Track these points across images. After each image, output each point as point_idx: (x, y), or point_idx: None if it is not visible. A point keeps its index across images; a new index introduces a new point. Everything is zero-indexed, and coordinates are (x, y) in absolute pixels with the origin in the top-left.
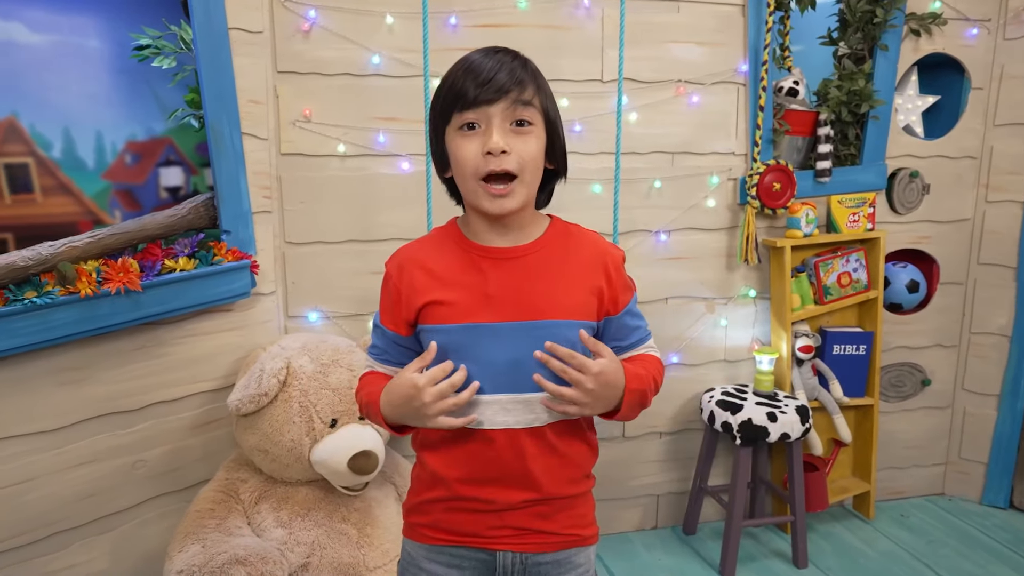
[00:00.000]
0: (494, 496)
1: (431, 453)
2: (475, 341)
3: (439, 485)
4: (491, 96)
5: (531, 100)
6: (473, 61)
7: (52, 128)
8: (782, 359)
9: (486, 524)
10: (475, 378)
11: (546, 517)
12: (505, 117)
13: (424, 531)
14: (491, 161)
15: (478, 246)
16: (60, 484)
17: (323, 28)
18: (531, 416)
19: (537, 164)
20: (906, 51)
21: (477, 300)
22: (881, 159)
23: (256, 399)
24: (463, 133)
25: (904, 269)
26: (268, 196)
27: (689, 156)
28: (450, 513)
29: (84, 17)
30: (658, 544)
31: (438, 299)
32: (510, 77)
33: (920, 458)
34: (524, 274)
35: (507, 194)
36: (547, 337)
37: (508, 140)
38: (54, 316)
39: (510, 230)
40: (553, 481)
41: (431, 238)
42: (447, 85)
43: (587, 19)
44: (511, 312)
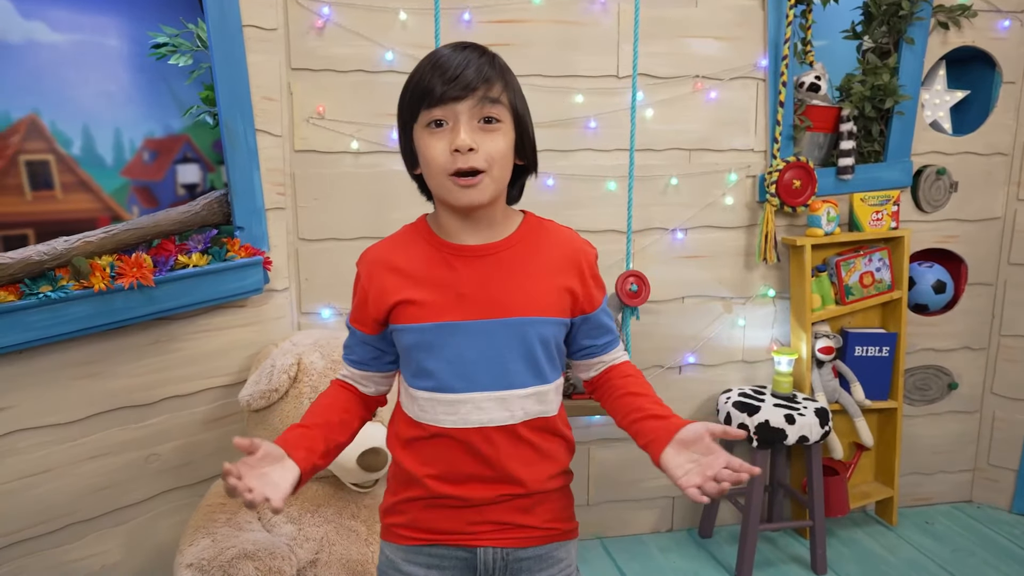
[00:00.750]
0: (471, 493)
1: (405, 452)
2: (448, 339)
3: (415, 484)
4: (458, 93)
5: (499, 97)
6: (440, 57)
7: (72, 126)
8: (801, 360)
9: (465, 520)
10: (449, 376)
11: (526, 511)
12: (473, 114)
13: (401, 531)
14: (459, 159)
15: (449, 244)
16: (75, 476)
17: (337, 25)
18: (506, 414)
19: (506, 161)
20: (934, 44)
21: (449, 298)
22: (906, 156)
23: (267, 395)
24: (431, 131)
25: (930, 269)
26: (282, 193)
27: (707, 153)
28: (427, 511)
29: (104, 16)
30: (673, 547)
31: (409, 298)
32: (477, 74)
33: (947, 464)
34: (496, 271)
35: (475, 184)
36: (520, 335)
37: (476, 137)
38: (68, 310)
39: (481, 227)
40: (531, 476)
41: (401, 236)
42: (414, 81)
43: (602, 14)
44: (483, 310)
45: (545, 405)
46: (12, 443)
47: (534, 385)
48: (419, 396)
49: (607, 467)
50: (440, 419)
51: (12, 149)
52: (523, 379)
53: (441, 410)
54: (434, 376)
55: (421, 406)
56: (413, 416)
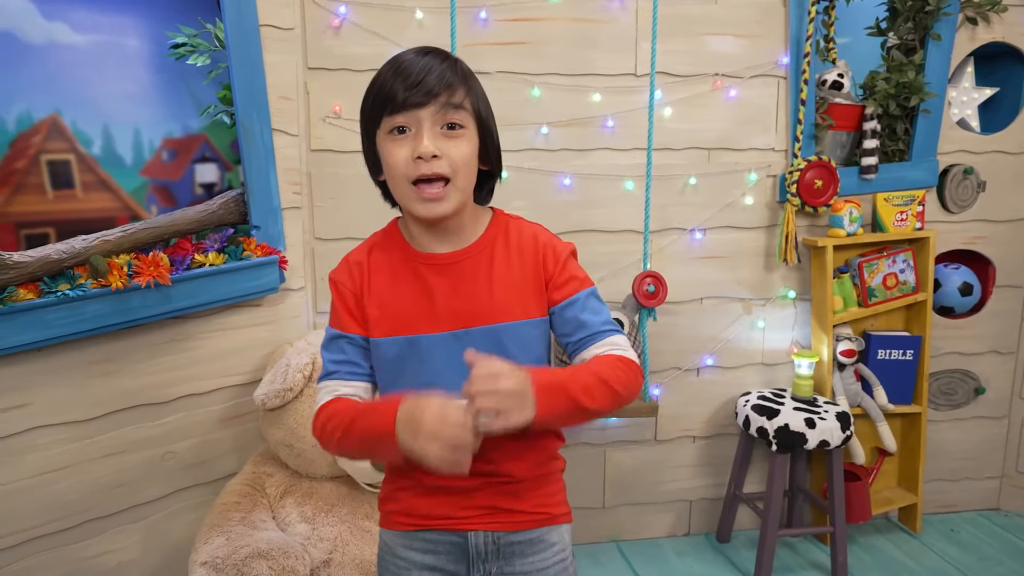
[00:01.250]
0: (460, 482)
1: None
2: (422, 352)
3: (406, 474)
4: (420, 99)
5: (461, 103)
6: (402, 63)
7: (93, 125)
8: (822, 363)
9: (456, 505)
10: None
11: (515, 495)
12: (435, 121)
13: (397, 518)
14: (422, 165)
15: (419, 253)
16: (93, 473)
17: (353, 24)
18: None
19: (470, 167)
20: (961, 40)
21: (420, 310)
22: (932, 155)
23: (281, 394)
24: (393, 137)
25: (956, 271)
26: (298, 192)
27: (726, 152)
28: (420, 498)
29: (124, 16)
30: (690, 551)
31: (382, 310)
32: (439, 80)
33: (973, 470)
34: (466, 279)
35: (441, 198)
36: (497, 341)
37: (439, 144)
38: (86, 308)
39: (448, 234)
40: (519, 467)
41: (375, 245)
42: (376, 87)
43: (620, 11)
44: (456, 320)
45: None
46: (30, 440)
47: None
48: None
49: (623, 470)
50: None
51: (34, 149)
52: None
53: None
54: (413, 388)
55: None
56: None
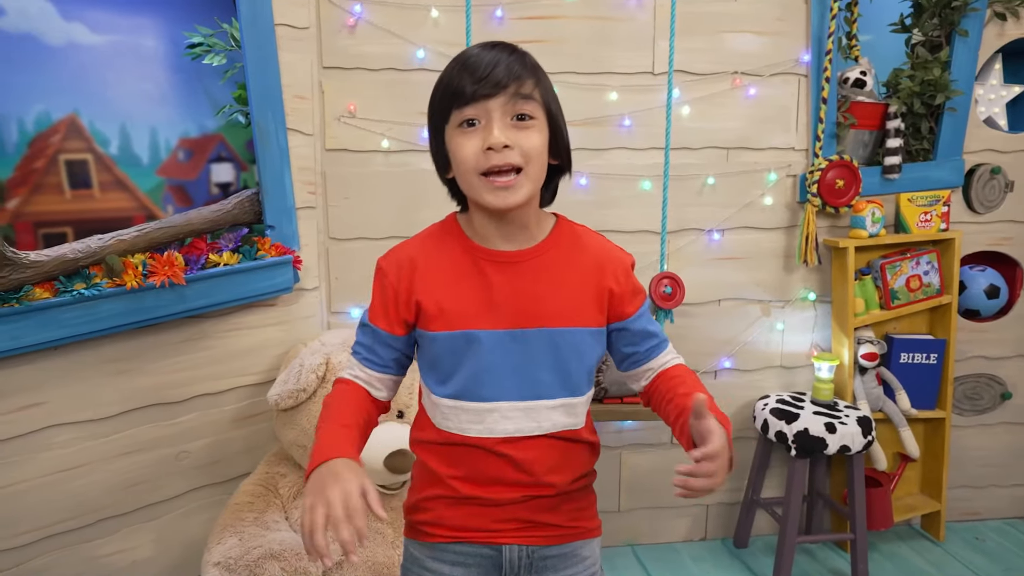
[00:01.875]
0: (496, 494)
1: (429, 454)
2: (477, 348)
3: (439, 483)
4: (489, 91)
5: (531, 94)
6: (470, 56)
7: (110, 125)
8: (843, 367)
9: (491, 518)
10: (476, 386)
11: (551, 510)
12: (505, 112)
13: (426, 529)
14: (493, 156)
15: (481, 248)
16: (107, 472)
17: (368, 23)
18: (533, 424)
19: (542, 158)
20: (989, 37)
21: (480, 305)
22: (958, 154)
23: (295, 394)
24: (463, 130)
25: (983, 273)
26: (312, 192)
27: (745, 151)
28: (452, 508)
29: (142, 17)
30: (707, 556)
31: (438, 303)
32: (508, 71)
33: (999, 477)
34: (528, 279)
35: (511, 186)
36: (552, 345)
37: (509, 134)
38: (101, 307)
39: (514, 231)
40: (559, 480)
41: (430, 236)
42: (444, 83)
43: (637, 9)
44: (515, 319)
45: (574, 418)
46: (46, 438)
47: (564, 397)
48: (442, 404)
49: (639, 473)
50: (465, 428)
51: (52, 148)
52: (552, 390)
53: (466, 418)
54: (460, 385)
55: (444, 414)
56: (435, 423)
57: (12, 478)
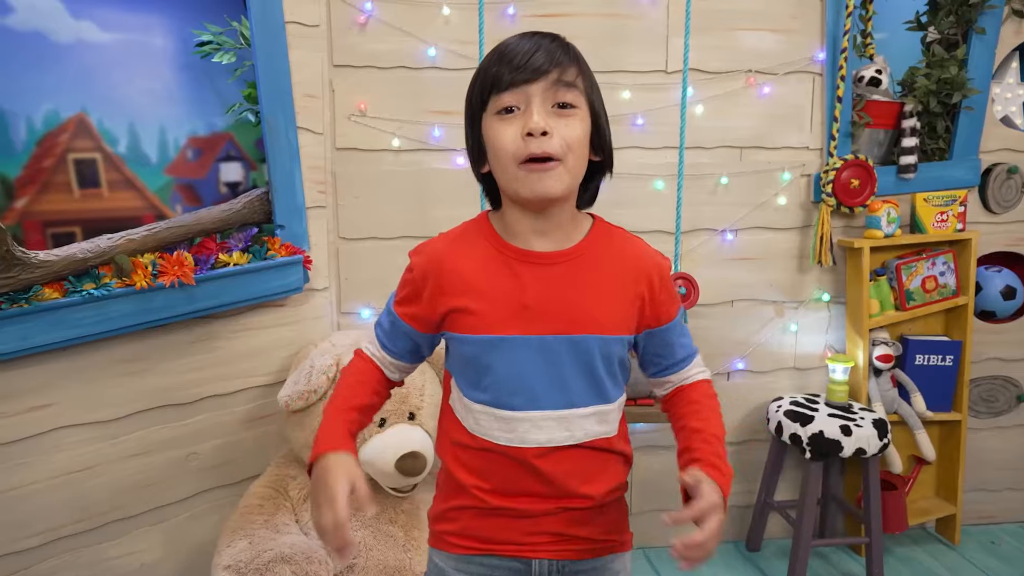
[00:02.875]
0: (527, 505)
1: (456, 461)
2: (508, 354)
3: (466, 492)
4: (529, 76)
5: (573, 82)
6: (510, 44)
7: (118, 124)
8: (858, 368)
9: (521, 530)
10: (507, 393)
11: (583, 523)
12: (546, 98)
13: (452, 539)
14: (531, 143)
15: (514, 248)
16: (117, 473)
17: (379, 20)
18: (566, 434)
19: (582, 149)
20: (1007, 34)
21: (512, 309)
22: (974, 153)
23: (305, 396)
24: (501, 117)
25: (999, 273)
26: (323, 191)
27: (759, 151)
28: (480, 519)
29: (150, 15)
30: (719, 560)
31: (468, 305)
32: (549, 57)
33: (1015, 480)
34: (563, 282)
35: (548, 170)
36: (584, 352)
37: (550, 121)
38: (111, 308)
39: (550, 229)
40: (591, 491)
41: (462, 234)
42: (482, 71)
43: (650, 6)
44: (548, 324)
45: (606, 425)
46: (56, 440)
47: (595, 404)
48: (475, 408)
49: (651, 475)
50: (495, 436)
51: (61, 147)
52: (584, 398)
53: (497, 426)
54: (491, 391)
55: (476, 419)
56: (467, 426)
57: (21, 480)
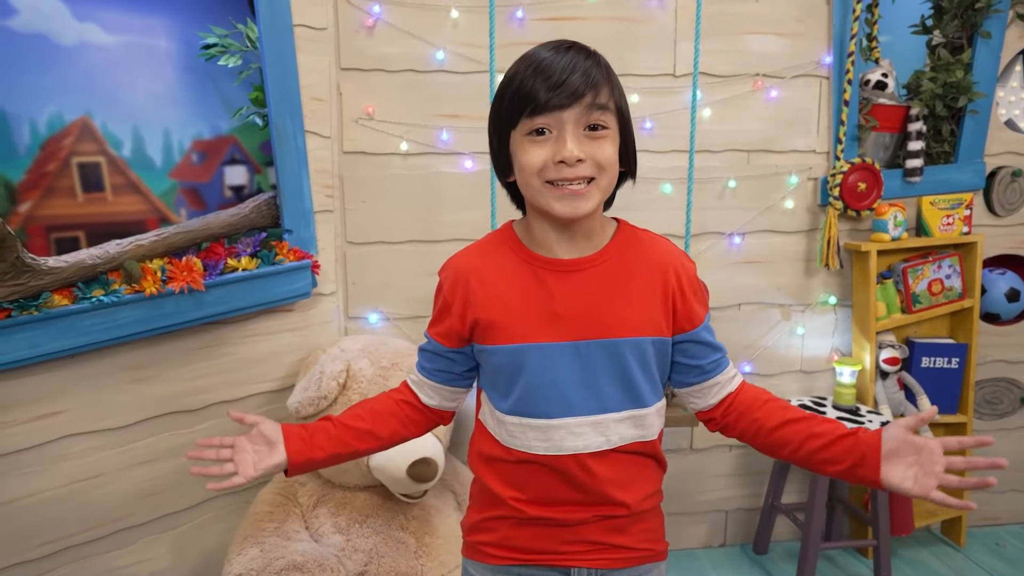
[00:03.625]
0: (564, 515)
1: (490, 473)
2: (540, 362)
3: (502, 503)
4: (565, 101)
5: (607, 104)
6: (543, 60)
7: (122, 127)
8: (865, 371)
9: (559, 539)
10: (541, 401)
11: (621, 531)
12: (579, 123)
13: (489, 550)
14: (564, 170)
15: (540, 257)
16: (125, 481)
17: (387, 23)
18: (601, 439)
19: (614, 168)
20: (1011, 39)
21: (541, 317)
22: (979, 157)
23: (316, 402)
24: (532, 139)
25: (1003, 276)
26: (330, 195)
27: (766, 154)
28: (517, 529)
29: (155, 17)
30: (726, 563)
31: (496, 316)
32: (585, 79)
33: (1018, 482)
34: (592, 288)
35: (582, 195)
36: (617, 356)
37: (583, 146)
38: (120, 314)
39: (577, 238)
40: (629, 498)
41: (487, 245)
42: (515, 85)
43: (659, 10)
44: (579, 330)
45: (643, 429)
46: (64, 448)
47: (630, 409)
48: (507, 420)
49: None
50: (532, 445)
51: (65, 151)
52: (619, 403)
53: (532, 436)
54: (524, 400)
55: (510, 431)
56: (500, 440)
57: (30, 489)
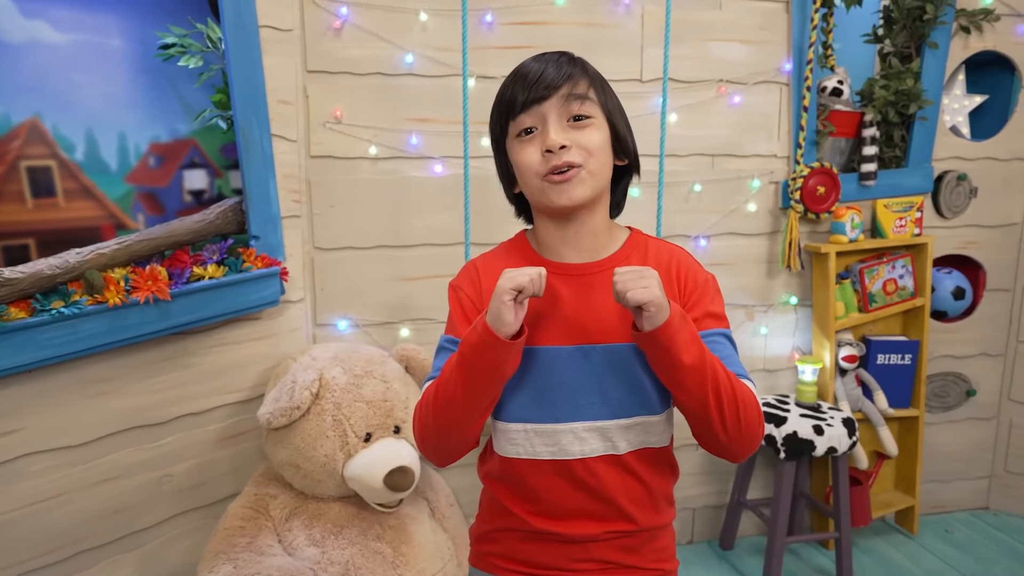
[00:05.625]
0: (576, 530)
1: (500, 486)
2: (547, 365)
3: (512, 516)
4: (541, 93)
5: (585, 93)
6: (521, 68)
7: (75, 129)
8: (825, 369)
9: (568, 556)
10: (548, 405)
11: (632, 550)
12: (560, 114)
13: (496, 561)
14: (551, 159)
15: (550, 262)
16: (87, 500)
17: (355, 26)
18: (608, 444)
19: (603, 154)
20: (955, 49)
21: (547, 321)
22: (928, 161)
23: (288, 412)
24: (521, 140)
25: (949, 275)
26: (297, 200)
27: (730, 159)
28: (526, 543)
29: (108, 15)
30: (695, 560)
31: None
32: (558, 72)
33: (964, 471)
34: (597, 294)
35: (571, 179)
36: (625, 361)
37: (567, 135)
38: (81, 327)
39: (583, 240)
40: (640, 509)
41: (500, 250)
42: (499, 97)
43: (626, 16)
44: (584, 335)
45: (654, 436)
46: (22, 467)
47: (640, 415)
48: (511, 428)
49: None
50: (538, 451)
51: (13, 154)
52: (628, 408)
53: (538, 441)
54: (530, 405)
55: (511, 439)
56: (502, 452)
57: None
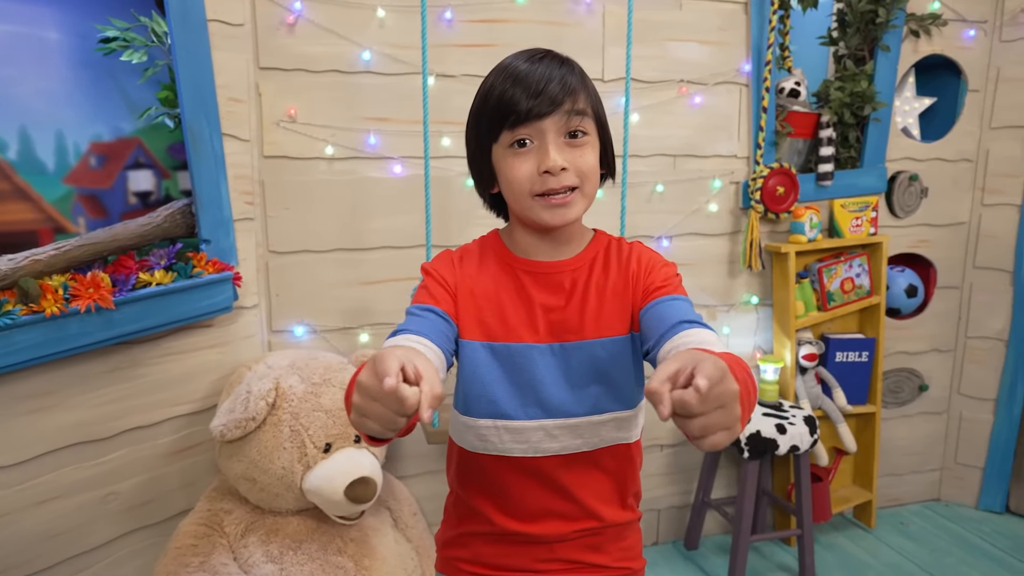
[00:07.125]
0: (542, 529)
1: (468, 487)
2: (516, 362)
3: (479, 517)
4: (544, 110)
5: (584, 109)
6: (519, 70)
7: (7, 128)
8: (786, 368)
9: (534, 557)
10: (518, 402)
11: (598, 549)
12: (559, 131)
13: (463, 566)
14: (549, 180)
15: (521, 260)
16: (24, 523)
17: (309, 21)
18: (579, 441)
19: (596, 175)
20: (906, 52)
21: (519, 318)
22: (881, 162)
23: (243, 424)
24: (514, 151)
25: (902, 273)
26: (250, 202)
27: (691, 159)
28: (493, 546)
29: (43, 6)
30: (660, 560)
31: (476, 313)
32: (562, 87)
33: (917, 464)
34: (566, 292)
35: (567, 203)
36: (595, 357)
37: (565, 155)
38: (15, 338)
39: (559, 243)
40: (606, 506)
41: (473, 246)
42: (493, 97)
43: (587, 15)
44: (555, 332)
45: (626, 431)
46: None
47: (614, 411)
48: (482, 424)
49: None
50: (508, 448)
51: None
52: (601, 404)
53: (508, 438)
54: (501, 402)
55: (481, 435)
56: (471, 448)
57: None
